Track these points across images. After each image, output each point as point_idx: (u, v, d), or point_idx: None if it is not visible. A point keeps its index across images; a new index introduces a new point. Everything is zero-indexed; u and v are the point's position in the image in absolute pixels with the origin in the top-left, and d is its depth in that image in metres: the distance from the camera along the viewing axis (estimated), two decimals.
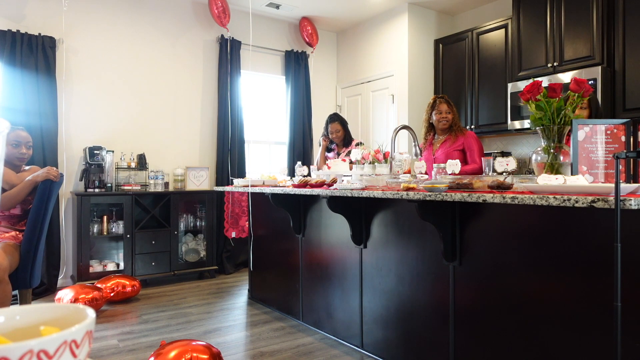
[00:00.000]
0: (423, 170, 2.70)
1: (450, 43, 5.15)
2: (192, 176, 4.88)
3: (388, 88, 5.47)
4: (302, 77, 5.75)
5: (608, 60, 3.77)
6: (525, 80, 4.26)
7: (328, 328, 3.02)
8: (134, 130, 4.74)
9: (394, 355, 2.53)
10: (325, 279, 3.05)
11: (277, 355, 2.70)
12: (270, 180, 3.47)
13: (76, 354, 0.47)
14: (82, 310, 0.54)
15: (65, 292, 3.42)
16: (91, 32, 4.53)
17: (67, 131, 4.38)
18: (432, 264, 2.30)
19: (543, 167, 1.93)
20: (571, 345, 1.74)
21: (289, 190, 2.89)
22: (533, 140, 4.68)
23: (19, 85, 4.06)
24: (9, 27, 4.09)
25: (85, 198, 4.11)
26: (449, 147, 3.45)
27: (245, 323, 3.33)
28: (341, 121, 4.32)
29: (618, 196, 1.28)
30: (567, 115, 1.88)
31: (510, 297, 1.94)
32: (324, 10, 5.47)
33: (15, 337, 0.52)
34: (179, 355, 2.18)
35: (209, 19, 5.15)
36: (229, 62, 5.17)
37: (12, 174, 2.87)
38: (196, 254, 4.79)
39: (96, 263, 4.27)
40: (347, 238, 2.78)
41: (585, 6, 3.85)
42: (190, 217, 4.82)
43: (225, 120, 5.12)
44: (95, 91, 4.56)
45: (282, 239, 3.53)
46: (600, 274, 1.64)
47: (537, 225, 1.85)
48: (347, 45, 6.07)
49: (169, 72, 4.96)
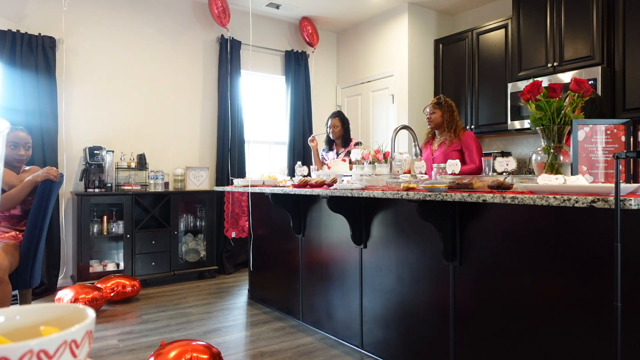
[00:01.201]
0: (423, 170, 2.70)
1: (450, 43, 5.15)
2: (192, 176, 4.88)
3: (388, 88, 5.47)
4: (302, 77, 5.75)
5: (608, 60, 3.77)
6: (525, 80, 4.26)
7: (328, 328, 3.02)
8: (134, 130, 4.74)
9: (394, 355, 2.53)
10: (325, 279, 3.05)
11: (277, 355, 2.70)
12: (270, 180, 3.47)
13: (76, 354, 0.47)
14: (82, 310, 0.54)
15: (65, 292, 3.42)
16: (91, 32, 4.53)
17: (67, 131, 4.38)
18: (432, 264, 2.30)
19: (543, 167, 1.93)
20: (571, 345, 1.74)
21: (289, 190, 2.89)
22: (533, 140, 4.68)
23: (19, 85, 4.06)
24: (9, 27, 4.09)
25: (85, 198, 4.11)
26: (447, 147, 3.44)
27: (245, 323, 3.33)
28: (341, 118, 4.31)
29: (618, 196, 1.28)
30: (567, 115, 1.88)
31: (511, 297, 1.94)
32: (324, 10, 5.47)
33: (15, 337, 0.52)
34: (179, 355, 2.18)
35: (209, 19, 5.15)
36: (229, 62, 5.17)
37: (12, 174, 2.87)
38: (196, 254, 4.79)
39: (96, 263, 4.27)
40: (347, 238, 2.78)
41: (585, 6, 3.85)
42: (190, 217, 4.82)
43: (225, 120, 5.13)
44: (95, 91, 4.56)
45: (282, 239, 3.53)
46: (600, 274, 1.64)
47: (537, 225, 1.85)
48: (347, 45, 6.07)
49: (169, 72, 4.96)
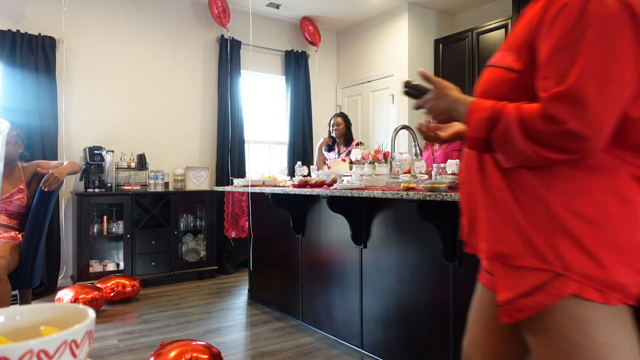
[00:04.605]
0: (423, 170, 2.70)
1: (450, 43, 5.15)
2: (192, 176, 4.88)
3: (388, 88, 5.47)
4: (302, 77, 5.75)
5: None
6: None
7: (328, 328, 3.02)
8: (134, 130, 4.74)
9: (394, 355, 2.53)
10: (325, 279, 3.05)
11: (277, 355, 2.70)
12: (270, 180, 3.47)
13: (76, 354, 0.47)
14: (82, 310, 0.54)
15: (65, 292, 3.42)
16: (91, 32, 4.53)
17: (67, 131, 4.38)
18: (432, 264, 2.30)
19: None
20: None
21: (289, 190, 2.89)
22: None
23: (19, 85, 4.06)
24: (9, 27, 4.09)
25: (85, 198, 4.11)
26: (447, 147, 3.45)
27: (245, 323, 3.33)
28: (344, 117, 4.37)
29: None
30: None
31: None
32: (324, 10, 5.48)
33: (15, 337, 0.52)
34: (179, 355, 2.18)
35: (209, 18, 5.15)
36: (229, 62, 5.17)
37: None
38: (196, 254, 4.79)
39: (96, 263, 4.27)
40: (347, 238, 2.78)
41: None
42: (190, 217, 4.82)
43: (225, 120, 5.12)
44: (95, 91, 4.56)
45: (282, 239, 3.53)
46: None
47: None
48: (347, 45, 6.07)
49: (169, 72, 4.96)
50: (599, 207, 0.85)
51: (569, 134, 0.80)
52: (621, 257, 0.83)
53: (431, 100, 1.12)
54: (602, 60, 0.80)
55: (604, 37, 0.80)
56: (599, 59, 0.80)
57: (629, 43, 0.80)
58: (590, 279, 0.83)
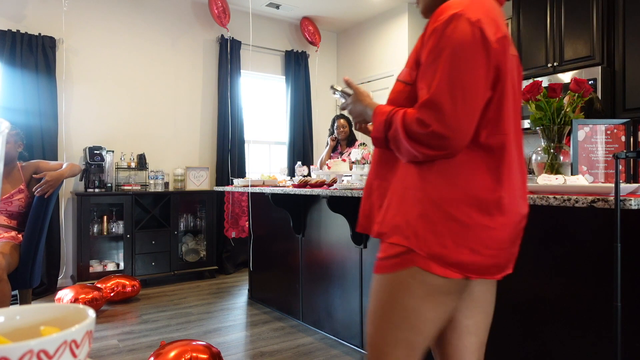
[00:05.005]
0: None
1: None
2: (192, 176, 4.88)
3: (388, 88, 5.46)
4: (302, 77, 5.75)
5: (608, 60, 3.77)
6: (525, 80, 4.25)
7: (328, 328, 3.02)
8: (134, 130, 4.74)
9: None
10: (325, 279, 3.05)
11: (277, 355, 2.70)
12: (270, 180, 3.47)
13: (76, 354, 0.47)
14: (82, 310, 0.54)
15: (65, 292, 3.42)
16: (91, 32, 4.53)
17: (67, 131, 4.38)
18: None
19: (543, 167, 1.93)
20: (571, 345, 1.74)
21: (289, 190, 2.89)
22: (533, 140, 4.68)
23: (19, 85, 4.06)
24: (9, 27, 4.09)
25: (85, 198, 4.11)
26: None
27: (245, 323, 3.33)
28: (348, 119, 4.40)
29: (618, 196, 1.28)
30: (567, 115, 1.88)
31: (510, 297, 1.94)
32: (324, 10, 5.48)
33: (15, 337, 0.52)
34: (179, 355, 2.18)
35: (209, 18, 5.15)
36: (229, 62, 5.17)
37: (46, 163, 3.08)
38: (196, 254, 4.79)
39: (96, 263, 4.27)
40: (347, 238, 2.78)
41: (585, 6, 3.84)
42: (190, 217, 4.82)
43: (225, 120, 5.13)
44: (95, 91, 4.56)
45: (282, 239, 3.53)
46: (600, 273, 1.64)
47: (537, 225, 1.85)
48: (348, 45, 6.07)
49: (169, 72, 4.96)
50: (456, 201, 1.03)
51: (435, 135, 0.98)
52: (465, 241, 1.03)
53: (350, 104, 1.34)
54: (455, 73, 0.98)
55: (457, 54, 0.98)
56: (452, 72, 0.98)
57: (479, 58, 0.99)
58: (435, 257, 1.03)
